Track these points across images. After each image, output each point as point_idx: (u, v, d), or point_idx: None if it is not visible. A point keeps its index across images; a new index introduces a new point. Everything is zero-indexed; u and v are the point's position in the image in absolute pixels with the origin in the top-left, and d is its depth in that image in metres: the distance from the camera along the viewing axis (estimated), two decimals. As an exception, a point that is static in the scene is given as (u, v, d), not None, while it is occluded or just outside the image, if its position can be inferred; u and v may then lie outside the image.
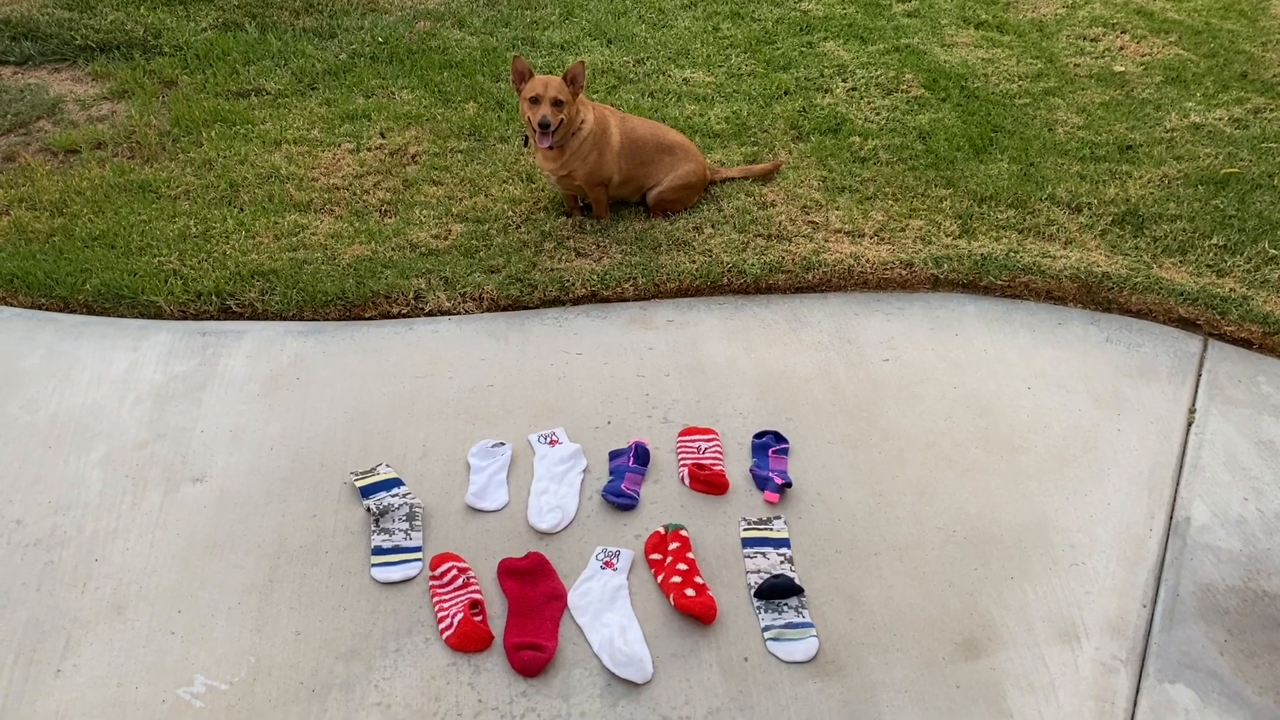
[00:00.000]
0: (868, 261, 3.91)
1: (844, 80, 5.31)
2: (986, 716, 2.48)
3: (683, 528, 2.88)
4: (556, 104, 3.71)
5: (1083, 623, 2.69)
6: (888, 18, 6.02)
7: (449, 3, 6.09)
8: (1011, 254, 3.96)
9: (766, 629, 2.63)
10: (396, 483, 2.99)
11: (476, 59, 5.42)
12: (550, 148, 3.82)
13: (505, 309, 3.75)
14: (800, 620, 2.65)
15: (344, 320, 3.68)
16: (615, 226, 4.13)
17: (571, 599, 2.70)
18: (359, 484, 2.98)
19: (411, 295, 3.73)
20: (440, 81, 5.19)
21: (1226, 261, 3.98)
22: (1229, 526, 2.96)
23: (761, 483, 3.05)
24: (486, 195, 4.32)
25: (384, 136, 4.73)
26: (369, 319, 3.69)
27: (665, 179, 4.13)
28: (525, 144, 3.98)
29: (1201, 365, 3.56)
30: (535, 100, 3.72)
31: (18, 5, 5.80)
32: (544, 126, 3.70)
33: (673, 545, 2.81)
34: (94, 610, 2.65)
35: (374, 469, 3.04)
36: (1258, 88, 5.33)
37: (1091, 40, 5.83)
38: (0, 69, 5.31)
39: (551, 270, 3.86)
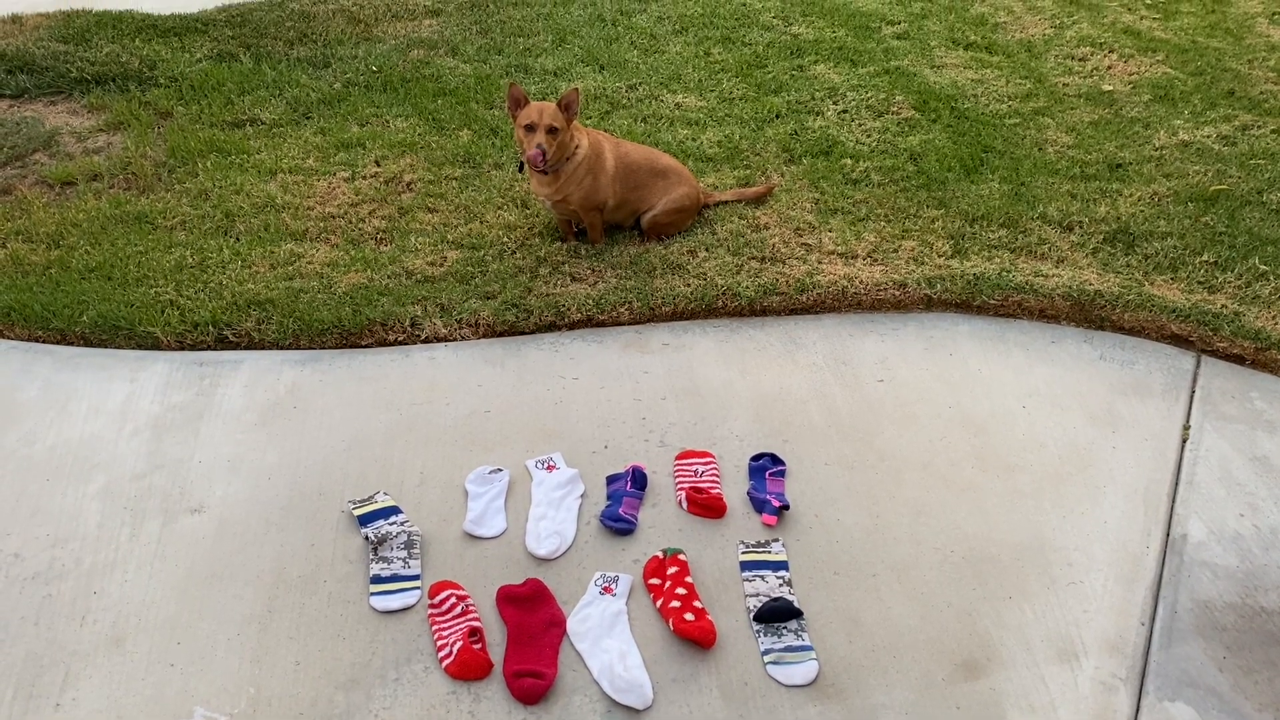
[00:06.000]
0: (861, 283, 3.94)
1: (835, 103, 5.35)
2: (987, 737, 2.48)
3: (681, 552, 2.88)
4: (551, 131, 3.74)
5: (1081, 641, 2.69)
6: (877, 40, 6.08)
7: (442, 31, 6.14)
8: (1004, 273, 3.98)
9: (766, 652, 2.64)
10: (394, 511, 3.00)
11: (470, 86, 5.46)
12: (545, 173, 3.85)
13: (501, 335, 3.76)
14: (800, 643, 2.65)
15: (341, 348, 3.69)
16: (610, 251, 4.15)
17: (571, 625, 2.70)
18: (357, 512, 2.99)
19: (408, 322, 3.74)
20: (434, 109, 5.23)
21: (1218, 278, 4.00)
22: (1225, 543, 2.97)
23: (759, 505, 3.05)
24: (481, 222, 4.34)
25: (379, 165, 4.76)
26: (365, 347, 3.70)
27: (659, 203, 4.16)
28: (520, 170, 4.01)
29: (1195, 382, 3.57)
30: (530, 128, 3.75)
31: (13, 39, 5.84)
32: (538, 153, 3.73)
33: (671, 570, 2.81)
34: (93, 643, 2.64)
35: (372, 497, 3.05)
36: (1245, 105, 5.38)
37: (1080, 60, 5.89)
38: (-4, 102, 5.35)
39: (547, 296, 3.88)
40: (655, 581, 2.81)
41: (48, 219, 4.33)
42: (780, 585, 2.81)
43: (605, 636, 2.66)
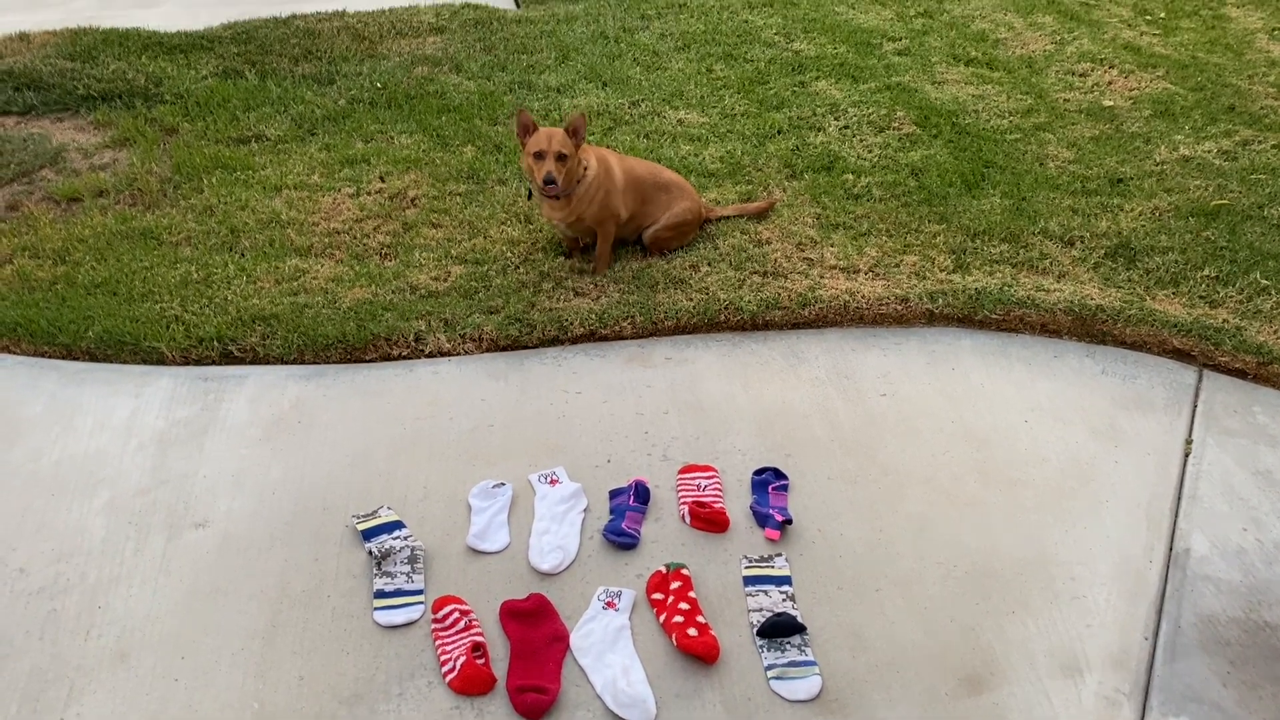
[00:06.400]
0: (863, 297, 3.95)
1: (836, 118, 5.37)
2: (991, 752, 2.47)
3: (684, 566, 2.88)
4: (560, 158, 3.75)
5: (1085, 656, 2.69)
6: (878, 56, 6.11)
7: (446, 48, 6.18)
8: (1006, 288, 3.99)
9: (769, 668, 2.63)
10: (398, 525, 3.00)
11: (474, 103, 5.49)
12: (556, 198, 3.87)
13: (505, 349, 3.78)
14: (803, 658, 2.65)
15: (345, 363, 3.71)
16: (612, 266, 4.17)
17: (574, 640, 2.70)
18: (360, 527, 2.99)
19: (412, 337, 3.76)
20: (438, 125, 5.26)
21: (1219, 293, 4.01)
22: (1229, 557, 2.97)
23: (762, 520, 3.06)
24: (485, 237, 4.36)
25: (383, 180, 4.79)
26: (369, 361, 3.72)
27: (662, 217, 4.18)
28: (530, 196, 4.01)
29: (1197, 396, 3.58)
30: (539, 155, 3.75)
31: (20, 56, 5.89)
32: (549, 183, 3.75)
33: (674, 584, 2.81)
34: (97, 658, 2.65)
35: (375, 512, 3.05)
36: (1245, 120, 5.40)
37: (1080, 75, 5.92)
38: (4, 119, 5.38)
39: (550, 310, 3.90)
40: (658, 596, 2.81)
41: (54, 235, 4.35)
42: (783, 600, 2.81)
43: (608, 651, 2.67)
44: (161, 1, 7.07)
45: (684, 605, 2.75)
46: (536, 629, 2.72)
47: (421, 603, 2.79)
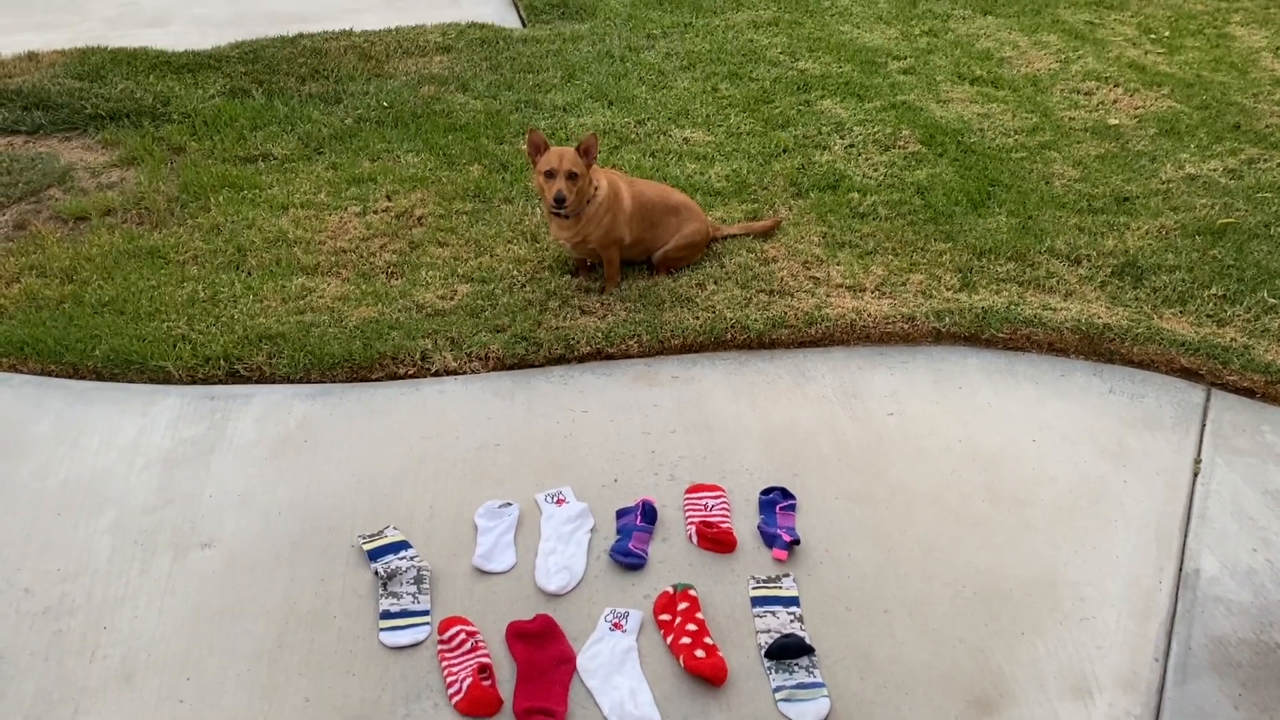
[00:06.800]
0: (869, 316, 3.95)
1: (842, 137, 5.38)
2: (1001, 776, 2.45)
3: (691, 587, 2.87)
4: (571, 177, 3.75)
5: (1095, 677, 2.67)
6: (884, 75, 6.13)
7: (452, 67, 6.21)
8: (1012, 306, 3.99)
9: (778, 689, 2.62)
10: (404, 545, 3.00)
11: (480, 122, 5.51)
12: (566, 217, 3.87)
13: (511, 368, 3.78)
14: (811, 680, 2.63)
15: (351, 382, 3.70)
16: (620, 285, 4.17)
17: (581, 662, 2.69)
18: (367, 547, 2.98)
19: (418, 356, 3.76)
20: (445, 144, 5.27)
21: (1226, 311, 4.01)
22: (1239, 578, 2.95)
23: (769, 540, 3.04)
24: (491, 255, 4.36)
25: (390, 199, 4.80)
26: (376, 380, 3.71)
27: (671, 240, 4.18)
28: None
29: (1205, 415, 3.57)
30: (550, 174, 3.76)
31: (29, 76, 5.92)
32: (559, 201, 3.75)
33: (682, 605, 2.80)
34: (102, 679, 2.64)
35: (381, 531, 3.04)
36: (1251, 138, 5.40)
37: (1085, 94, 5.93)
38: (12, 138, 5.41)
39: (557, 329, 3.90)
40: (665, 617, 2.80)
41: (61, 254, 4.36)
42: (791, 621, 2.79)
43: (615, 673, 2.65)
44: (169, 21, 7.12)
45: (691, 626, 2.74)
46: (543, 650, 2.71)
47: (428, 623, 2.78)
